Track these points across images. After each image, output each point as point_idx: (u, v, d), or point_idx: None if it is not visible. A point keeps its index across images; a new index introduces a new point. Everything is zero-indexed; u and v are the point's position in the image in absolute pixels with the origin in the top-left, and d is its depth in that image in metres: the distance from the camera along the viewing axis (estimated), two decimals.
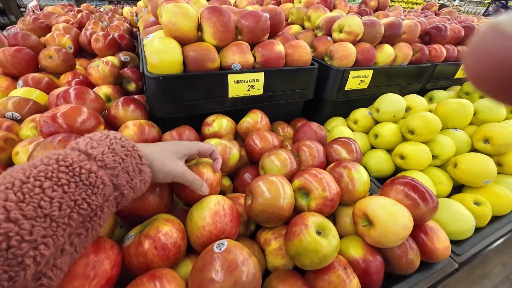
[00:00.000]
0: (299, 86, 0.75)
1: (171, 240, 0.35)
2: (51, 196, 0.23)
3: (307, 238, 0.37)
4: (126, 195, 0.30)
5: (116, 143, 0.31)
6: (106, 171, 0.28)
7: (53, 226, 0.23)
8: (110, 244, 0.32)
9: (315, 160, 0.54)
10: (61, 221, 0.23)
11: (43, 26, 1.01)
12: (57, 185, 0.24)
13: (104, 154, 0.29)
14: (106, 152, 0.29)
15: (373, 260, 0.42)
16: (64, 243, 0.24)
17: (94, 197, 0.26)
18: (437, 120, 0.66)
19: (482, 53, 0.11)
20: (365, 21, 0.80)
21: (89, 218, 0.26)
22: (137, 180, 0.31)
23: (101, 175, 0.27)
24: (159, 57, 0.55)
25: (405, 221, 0.41)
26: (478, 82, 0.11)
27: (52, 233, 0.22)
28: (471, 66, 0.12)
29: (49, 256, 0.22)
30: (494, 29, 0.11)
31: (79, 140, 0.30)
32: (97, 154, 0.29)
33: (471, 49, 0.12)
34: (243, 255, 0.32)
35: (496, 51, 0.10)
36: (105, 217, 0.28)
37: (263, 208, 0.42)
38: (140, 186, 0.32)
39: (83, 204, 0.25)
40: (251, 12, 0.65)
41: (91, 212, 0.26)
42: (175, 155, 0.38)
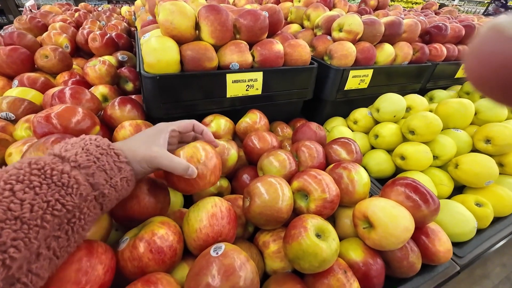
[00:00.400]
0: (298, 85, 0.74)
1: (167, 244, 0.34)
2: (22, 198, 0.23)
3: (306, 241, 0.36)
4: (107, 194, 0.29)
5: (90, 143, 0.30)
6: (80, 171, 0.28)
7: (24, 229, 0.22)
8: (104, 248, 0.31)
9: (315, 161, 0.53)
10: (33, 223, 0.22)
11: (40, 25, 0.99)
12: (29, 188, 0.23)
13: (77, 155, 0.28)
14: (79, 153, 0.29)
15: (373, 263, 0.41)
16: (39, 247, 0.23)
17: (68, 198, 0.25)
18: (438, 120, 0.65)
19: (483, 55, 0.11)
20: (365, 20, 0.79)
21: (66, 220, 0.25)
22: (117, 178, 0.30)
23: (74, 175, 0.27)
24: (156, 57, 0.54)
25: (406, 224, 0.40)
26: (479, 83, 0.11)
27: (23, 236, 0.22)
28: (472, 67, 0.12)
29: (21, 260, 0.21)
30: (495, 31, 0.10)
31: (55, 146, 0.30)
32: (70, 155, 0.28)
33: (471, 50, 0.12)
34: (241, 259, 0.31)
35: (496, 52, 0.10)
36: (87, 218, 0.27)
37: (261, 210, 0.41)
38: (122, 185, 0.31)
39: (57, 205, 0.24)
40: (249, 11, 0.64)
41: (67, 213, 0.25)
42: (151, 140, 0.36)
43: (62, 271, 0.27)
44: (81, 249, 0.29)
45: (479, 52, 0.11)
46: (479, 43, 0.11)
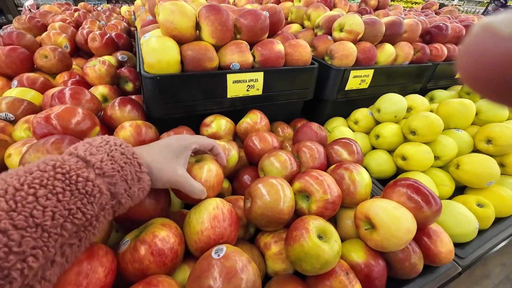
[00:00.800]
0: (299, 86, 0.74)
1: (168, 246, 0.34)
2: (45, 205, 0.22)
3: (308, 243, 0.36)
4: (123, 203, 0.29)
5: (116, 150, 0.30)
6: (104, 179, 0.27)
7: (44, 237, 0.21)
8: (104, 251, 0.31)
9: (316, 162, 0.53)
10: (53, 231, 0.22)
11: (39, 25, 0.99)
12: (52, 194, 0.23)
13: (103, 161, 0.28)
14: (105, 160, 0.28)
15: (375, 265, 0.41)
16: (55, 254, 0.23)
17: (89, 206, 0.25)
18: (440, 120, 0.65)
19: (475, 54, 0.11)
20: (366, 20, 0.79)
21: (83, 228, 0.25)
22: (136, 188, 0.30)
23: (98, 184, 0.26)
24: (156, 57, 0.54)
25: (408, 225, 0.40)
26: (471, 82, 0.12)
27: (42, 244, 0.21)
28: (464, 66, 0.12)
29: (38, 268, 0.21)
30: (487, 30, 0.11)
31: (78, 145, 0.29)
32: (95, 161, 0.27)
33: (464, 49, 0.12)
34: (242, 262, 0.31)
35: (488, 51, 0.10)
36: (100, 226, 0.27)
37: (262, 211, 0.41)
38: (138, 194, 0.31)
39: (78, 214, 0.24)
40: (250, 11, 0.64)
41: (85, 222, 0.25)
42: (175, 159, 0.36)
43: (63, 274, 0.26)
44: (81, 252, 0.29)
45: (471, 51, 0.11)
46: (471, 42, 0.11)
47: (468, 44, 0.12)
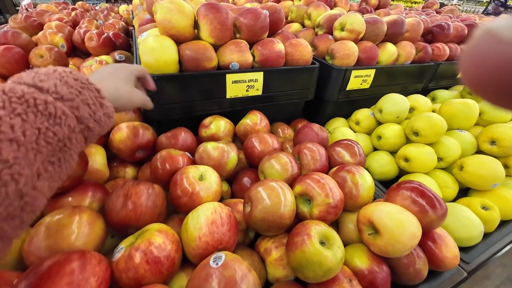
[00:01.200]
0: (300, 86, 0.72)
1: (164, 253, 0.32)
2: (11, 123, 0.21)
3: (310, 250, 0.34)
4: (92, 128, 0.29)
5: (67, 76, 0.28)
6: (64, 103, 0.26)
7: (22, 151, 0.21)
8: (97, 259, 0.29)
9: (317, 164, 0.52)
10: (29, 146, 0.22)
11: (36, 24, 0.97)
12: (14, 114, 0.21)
13: (57, 86, 0.26)
14: (59, 85, 0.26)
15: (379, 271, 0.40)
16: (38, 168, 0.23)
17: (57, 127, 0.24)
18: (443, 121, 0.64)
19: (478, 58, 0.11)
20: (367, 19, 0.78)
21: (58, 148, 0.25)
22: (100, 113, 0.30)
23: (59, 106, 0.25)
24: (154, 56, 0.53)
25: (413, 230, 0.38)
26: (474, 85, 0.12)
27: (22, 156, 0.21)
28: (467, 70, 0.12)
29: (26, 176, 0.21)
30: (489, 34, 0.11)
31: (21, 75, 0.26)
32: (49, 86, 0.26)
33: (466, 53, 0.12)
34: (242, 270, 0.30)
35: (491, 55, 0.10)
36: (74, 149, 0.27)
37: (263, 216, 0.39)
38: (105, 120, 0.31)
39: (48, 133, 0.23)
40: (249, 9, 0.62)
41: (59, 142, 0.25)
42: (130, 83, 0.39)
43: (53, 284, 0.25)
44: (73, 261, 0.27)
45: (474, 55, 0.11)
46: (473, 46, 0.12)
47: (470, 48, 0.12)
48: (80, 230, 0.33)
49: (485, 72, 0.11)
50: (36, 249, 0.30)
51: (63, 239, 0.31)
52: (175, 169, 0.47)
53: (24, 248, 0.31)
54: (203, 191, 0.42)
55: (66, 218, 0.33)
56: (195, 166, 0.46)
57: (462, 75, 0.12)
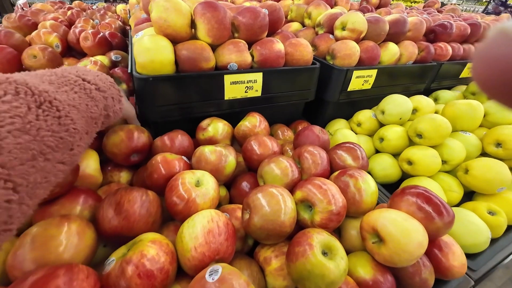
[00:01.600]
0: (300, 86, 0.71)
1: (157, 266, 0.30)
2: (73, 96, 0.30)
3: (312, 261, 0.33)
4: (110, 117, 0.38)
5: (101, 74, 0.38)
6: (100, 92, 0.35)
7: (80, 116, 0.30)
8: (86, 274, 0.28)
9: (319, 168, 0.50)
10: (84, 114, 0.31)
11: (30, 23, 0.95)
12: (73, 91, 0.31)
13: (96, 80, 0.35)
14: (97, 79, 0.36)
15: (384, 281, 0.38)
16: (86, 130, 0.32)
17: (95, 108, 0.34)
18: (447, 123, 0.62)
19: (491, 58, 0.11)
20: (369, 18, 0.76)
21: (94, 123, 0.34)
22: (117, 107, 0.40)
23: (98, 93, 0.35)
24: (149, 56, 0.51)
25: (420, 239, 0.37)
26: (487, 87, 0.11)
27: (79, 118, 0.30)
28: (479, 70, 0.12)
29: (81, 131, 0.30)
30: (503, 34, 0.10)
31: (67, 68, 0.34)
32: (90, 79, 0.35)
33: (479, 54, 0.12)
34: (240, 285, 0.28)
35: (504, 56, 0.10)
36: (98, 129, 0.36)
37: (262, 224, 0.38)
38: (118, 113, 0.41)
39: (92, 109, 0.33)
40: (248, 8, 0.60)
41: (94, 119, 0.33)
42: None
43: None
44: (58, 276, 0.26)
45: (487, 56, 0.11)
46: (486, 46, 0.11)
47: (484, 49, 0.11)
48: (69, 241, 0.31)
49: (498, 73, 0.10)
50: (20, 262, 0.29)
51: (50, 251, 0.30)
52: (171, 174, 0.45)
53: (8, 262, 0.29)
54: (200, 198, 0.40)
55: (53, 228, 0.31)
56: (192, 171, 0.44)
57: (474, 75, 0.12)
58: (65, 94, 0.29)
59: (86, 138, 0.32)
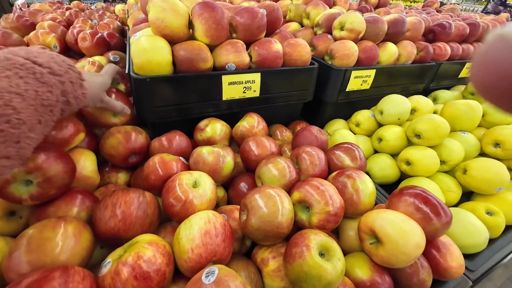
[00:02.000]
0: (298, 87, 0.71)
1: (154, 268, 0.30)
2: (17, 82, 0.26)
3: (309, 262, 0.33)
4: (71, 103, 0.34)
5: (57, 56, 0.33)
6: (54, 77, 0.31)
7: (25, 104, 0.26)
8: (81, 276, 0.27)
9: (316, 169, 0.50)
10: (30, 102, 0.27)
11: (28, 24, 0.95)
12: (18, 76, 0.27)
13: (49, 63, 0.31)
14: (51, 61, 0.31)
15: (381, 282, 0.38)
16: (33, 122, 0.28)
17: (49, 94, 0.30)
18: (446, 123, 0.62)
19: (490, 63, 0.11)
20: (368, 18, 0.76)
21: (48, 111, 0.30)
22: (79, 92, 0.35)
23: (51, 78, 0.30)
24: (146, 57, 0.51)
25: (417, 240, 0.37)
26: (485, 91, 0.12)
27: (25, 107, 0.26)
28: (478, 75, 0.12)
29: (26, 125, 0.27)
30: (502, 39, 0.10)
31: (15, 49, 0.30)
32: (42, 61, 0.30)
33: (478, 59, 0.12)
34: (237, 286, 0.28)
35: (502, 61, 0.10)
36: (55, 117, 0.32)
37: (259, 225, 0.38)
38: (82, 99, 0.36)
39: (43, 96, 0.29)
40: (246, 8, 0.60)
41: (48, 107, 0.30)
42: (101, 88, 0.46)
43: None
44: (54, 279, 0.25)
45: (486, 60, 0.11)
46: (485, 51, 0.11)
47: (482, 54, 0.11)
48: (65, 242, 0.31)
49: (498, 78, 0.10)
50: (16, 264, 0.28)
51: (46, 253, 0.29)
52: (169, 175, 0.45)
53: (3, 264, 0.29)
54: (197, 199, 0.40)
55: (49, 230, 0.31)
56: (189, 172, 0.44)
57: (472, 79, 0.12)
58: (5, 80, 0.25)
59: (39, 128, 0.29)
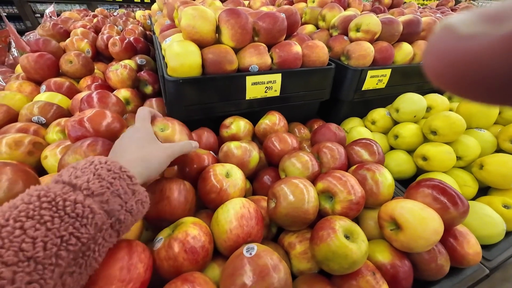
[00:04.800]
0: (316, 86, 0.74)
1: (199, 244, 0.35)
2: (34, 236, 0.21)
3: (335, 243, 0.36)
4: (123, 220, 0.28)
5: (101, 168, 0.28)
6: (94, 198, 0.26)
7: (39, 269, 0.21)
8: (142, 248, 0.32)
9: (337, 162, 0.53)
10: (47, 262, 0.21)
11: (62, 31, 1.03)
12: (40, 223, 0.22)
13: (89, 181, 0.27)
14: (91, 179, 0.27)
15: (401, 265, 0.41)
16: (55, 285, 0.22)
17: (83, 229, 0.24)
18: (462, 120, 0.64)
19: (437, 53, 0.12)
20: (383, 19, 0.78)
21: (81, 254, 0.24)
22: (132, 202, 0.29)
23: (88, 204, 0.25)
24: (179, 61, 0.56)
25: (435, 226, 0.40)
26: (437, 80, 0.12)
27: (38, 277, 0.20)
28: (428, 65, 0.12)
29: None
30: (447, 29, 0.11)
31: (63, 171, 0.28)
32: (82, 183, 0.26)
33: (427, 49, 0.12)
34: (274, 260, 0.32)
35: (449, 50, 0.11)
36: (101, 249, 0.26)
37: (287, 211, 0.41)
38: (138, 208, 0.30)
39: (71, 240, 0.23)
40: (268, 13, 0.64)
41: (82, 247, 0.24)
42: (154, 141, 0.37)
43: (107, 269, 0.28)
44: (122, 248, 0.30)
45: (435, 50, 0.12)
46: (433, 42, 0.12)
47: (431, 44, 0.12)
48: None
49: (445, 67, 0.11)
50: None
51: None
52: (202, 167, 0.49)
53: None
54: (230, 188, 0.44)
55: None
56: (222, 164, 0.48)
57: (425, 69, 0.13)
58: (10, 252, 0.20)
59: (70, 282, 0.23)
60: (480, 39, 0.10)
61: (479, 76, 0.10)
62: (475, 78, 0.10)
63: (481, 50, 0.10)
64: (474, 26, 0.10)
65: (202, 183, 0.45)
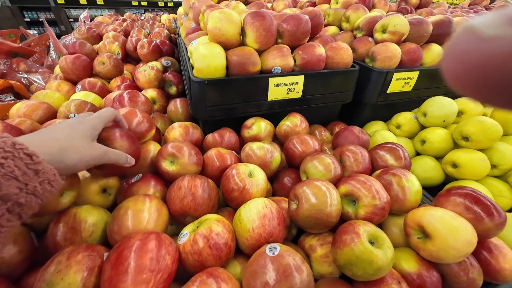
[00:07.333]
0: (339, 88, 0.73)
1: (223, 241, 0.36)
2: None
3: (360, 247, 0.35)
4: (24, 203, 0.24)
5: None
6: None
7: None
8: (169, 241, 0.34)
9: (360, 166, 0.52)
10: None
11: (95, 35, 1.10)
12: None
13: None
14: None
15: (429, 276, 0.39)
16: None
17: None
18: (498, 126, 0.60)
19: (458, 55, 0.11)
20: (411, 20, 0.76)
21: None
22: (35, 183, 0.25)
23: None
24: (205, 62, 0.57)
25: (468, 237, 0.37)
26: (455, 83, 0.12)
27: None
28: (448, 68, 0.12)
29: None
30: (469, 31, 0.11)
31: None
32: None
33: (447, 51, 0.12)
34: (297, 261, 0.32)
35: (470, 53, 0.10)
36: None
37: (309, 213, 0.41)
38: (44, 188, 0.26)
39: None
40: (292, 16, 0.65)
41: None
42: (88, 138, 0.34)
43: (139, 259, 0.29)
44: (151, 240, 0.32)
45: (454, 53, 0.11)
46: (454, 44, 0.11)
47: (451, 46, 0.12)
48: (151, 215, 0.38)
49: (466, 70, 0.11)
50: (119, 228, 0.36)
51: (140, 221, 0.36)
52: (225, 166, 0.51)
53: (109, 227, 0.37)
54: (253, 187, 0.45)
55: (140, 204, 0.38)
56: (245, 163, 0.49)
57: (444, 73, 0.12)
58: None
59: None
60: (504, 41, 0.09)
61: (502, 80, 0.09)
62: (498, 82, 0.10)
63: (505, 52, 0.09)
64: (497, 27, 0.10)
65: (225, 181, 0.46)
